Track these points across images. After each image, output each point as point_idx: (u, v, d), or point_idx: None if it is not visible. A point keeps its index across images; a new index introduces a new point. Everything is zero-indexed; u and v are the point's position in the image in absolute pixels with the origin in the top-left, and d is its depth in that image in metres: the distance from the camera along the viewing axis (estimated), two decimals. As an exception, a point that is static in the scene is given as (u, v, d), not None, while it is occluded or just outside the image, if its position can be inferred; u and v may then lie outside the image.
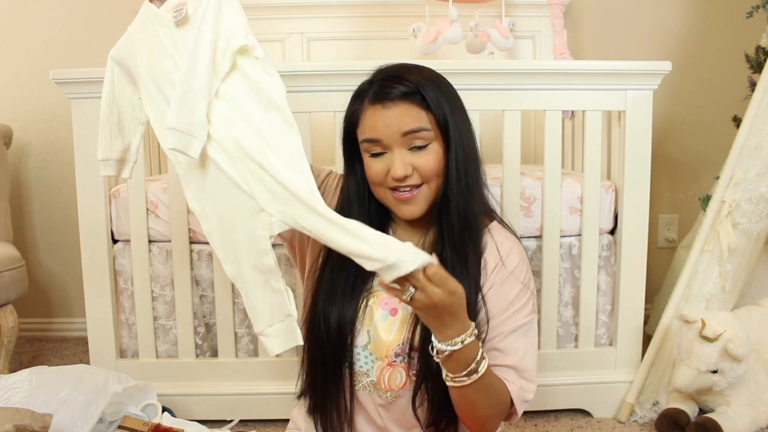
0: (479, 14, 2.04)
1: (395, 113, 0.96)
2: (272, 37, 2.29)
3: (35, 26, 2.29)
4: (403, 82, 0.97)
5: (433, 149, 0.98)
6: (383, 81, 0.99)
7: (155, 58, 0.97)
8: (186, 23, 0.94)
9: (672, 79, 1.62)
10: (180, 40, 0.94)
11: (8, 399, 1.29)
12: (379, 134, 0.97)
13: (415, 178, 0.98)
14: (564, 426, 1.62)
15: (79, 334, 2.36)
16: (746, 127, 1.62)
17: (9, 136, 2.08)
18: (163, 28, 0.97)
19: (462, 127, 1.00)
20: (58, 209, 2.35)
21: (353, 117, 1.02)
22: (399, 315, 1.03)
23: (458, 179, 0.98)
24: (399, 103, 0.96)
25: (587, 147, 1.58)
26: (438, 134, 0.98)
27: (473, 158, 1.02)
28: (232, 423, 1.58)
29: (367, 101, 0.99)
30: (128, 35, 1.03)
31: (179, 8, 0.94)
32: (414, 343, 1.00)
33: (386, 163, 0.98)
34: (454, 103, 1.01)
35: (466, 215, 1.00)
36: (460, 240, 0.99)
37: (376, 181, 1.00)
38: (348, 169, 1.06)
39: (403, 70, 1.00)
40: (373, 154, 0.99)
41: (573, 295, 1.66)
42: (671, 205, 2.41)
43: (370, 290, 1.05)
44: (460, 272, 0.98)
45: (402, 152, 0.97)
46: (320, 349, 1.03)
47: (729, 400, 1.50)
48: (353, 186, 1.05)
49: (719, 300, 1.65)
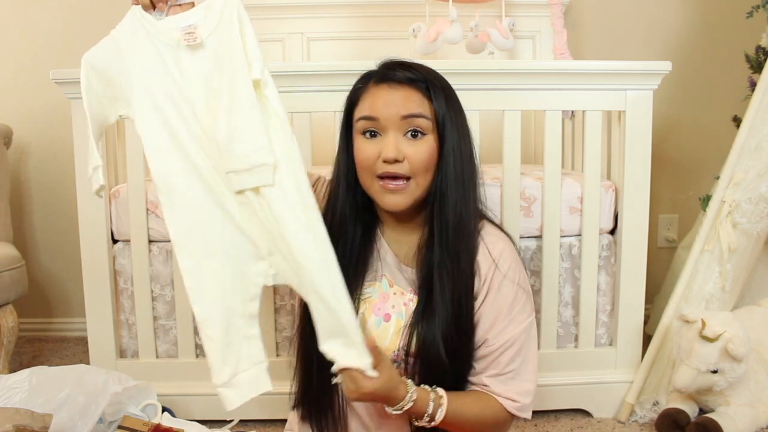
0: (479, 14, 2.04)
1: (399, 94, 0.96)
2: (272, 37, 2.29)
3: (35, 26, 2.29)
4: (411, 69, 0.98)
5: (427, 141, 0.97)
6: (392, 64, 1.00)
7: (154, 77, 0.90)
8: (199, 48, 0.88)
9: (672, 79, 1.62)
10: (189, 65, 0.89)
11: (8, 399, 1.29)
12: (377, 113, 0.96)
13: (405, 167, 0.96)
14: (564, 426, 1.62)
15: (79, 334, 2.36)
16: (746, 127, 1.62)
17: (9, 136, 2.08)
18: (166, 46, 0.90)
19: (461, 129, 1.00)
20: (58, 209, 2.35)
21: (354, 96, 1.01)
22: (393, 320, 1.02)
23: (455, 178, 0.98)
24: (405, 86, 0.97)
25: (587, 147, 1.58)
26: (434, 129, 0.97)
27: (469, 162, 1.01)
28: (232, 423, 1.58)
29: (373, 81, 0.99)
30: (113, 41, 0.92)
31: (190, 31, 0.88)
32: (411, 349, 0.99)
33: (378, 147, 0.96)
34: (456, 106, 1.01)
35: (461, 215, 0.99)
36: (454, 240, 0.98)
37: (364, 164, 0.98)
38: (341, 150, 1.05)
39: (412, 63, 1.01)
40: (366, 132, 0.97)
41: (573, 295, 1.66)
42: (671, 205, 2.41)
43: (360, 297, 1.04)
44: (451, 275, 0.98)
45: (397, 136, 0.96)
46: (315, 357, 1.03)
47: (729, 400, 1.50)
48: (344, 170, 1.03)
49: (719, 300, 1.65)
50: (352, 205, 1.03)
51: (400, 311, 1.03)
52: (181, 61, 0.89)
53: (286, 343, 1.64)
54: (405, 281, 1.05)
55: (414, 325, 0.99)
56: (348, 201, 1.03)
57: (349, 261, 1.01)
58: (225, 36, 0.87)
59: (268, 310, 1.60)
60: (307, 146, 1.54)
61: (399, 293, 1.04)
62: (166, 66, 0.89)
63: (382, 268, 1.05)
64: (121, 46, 0.91)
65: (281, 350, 1.64)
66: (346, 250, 1.01)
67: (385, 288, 1.05)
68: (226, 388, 0.92)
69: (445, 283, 0.98)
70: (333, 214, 1.03)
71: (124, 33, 0.92)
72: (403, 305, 1.03)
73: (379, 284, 1.05)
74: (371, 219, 1.06)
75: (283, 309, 1.63)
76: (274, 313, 1.61)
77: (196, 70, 0.88)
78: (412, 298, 1.03)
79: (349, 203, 1.03)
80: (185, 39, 0.87)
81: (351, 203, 1.03)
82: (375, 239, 1.06)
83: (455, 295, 0.98)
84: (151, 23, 0.90)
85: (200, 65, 0.89)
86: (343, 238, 1.02)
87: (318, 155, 1.59)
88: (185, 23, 0.88)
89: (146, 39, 0.90)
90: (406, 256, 1.05)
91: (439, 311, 0.97)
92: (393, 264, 1.05)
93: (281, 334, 1.63)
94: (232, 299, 0.89)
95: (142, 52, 0.90)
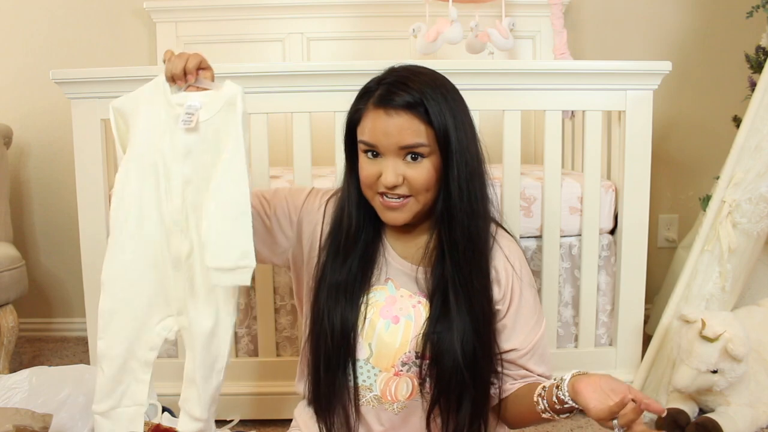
0: (479, 14, 2.04)
1: (396, 123, 0.95)
2: (272, 37, 2.29)
3: (35, 26, 2.28)
4: (409, 91, 0.95)
5: (426, 164, 0.96)
6: (390, 85, 0.97)
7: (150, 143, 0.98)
8: (193, 131, 0.95)
9: (672, 79, 1.62)
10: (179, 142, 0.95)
11: (8, 399, 1.29)
12: (376, 141, 0.96)
13: (404, 189, 0.97)
14: (564, 426, 1.62)
15: (79, 334, 2.36)
16: (746, 127, 1.62)
17: (9, 136, 2.08)
18: (169, 118, 0.97)
19: (466, 141, 0.98)
20: (58, 209, 2.35)
21: (355, 116, 1.01)
22: (402, 322, 1.02)
23: (460, 196, 0.97)
24: (401, 112, 0.95)
25: (587, 147, 1.58)
26: (436, 149, 0.96)
27: (478, 173, 1.00)
28: (232, 423, 1.57)
29: (371, 103, 0.98)
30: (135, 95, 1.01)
31: (190, 112, 0.94)
32: (425, 351, 0.99)
33: (379, 168, 0.97)
34: (460, 117, 0.98)
35: (470, 233, 0.98)
36: (465, 258, 0.98)
37: (366, 182, 0.99)
38: (349, 167, 1.05)
39: (411, 77, 0.98)
40: (368, 152, 0.98)
41: (573, 295, 1.66)
42: (671, 205, 2.41)
43: (368, 301, 1.03)
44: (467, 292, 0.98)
45: (396, 162, 0.96)
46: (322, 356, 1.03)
47: (729, 400, 1.50)
48: (353, 182, 1.03)
49: (719, 300, 1.65)
50: (363, 214, 1.04)
51: (409, 313, 1.03)
52: (174, 136, 0.96)
53: (287, 343, 1.64)
54: (412, 283, 1.04)
55: (430, 334, 0.99)
56: (361, 211, 1.03)
57: (359, 265, 1.02)
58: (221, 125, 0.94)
59: (268, 310, 1.60)
60: (307, 146, 1.54)
61: (407, 296, 1.04)
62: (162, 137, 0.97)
63: (387, 272, 1.05)
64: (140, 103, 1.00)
65: (281, 350, 1.64)
66: (356, 256, 1.02)
67: (392, 291, 1.05)
68: (102, 417, 1.01)
69: (461, 300, 0.98)
70: (347, 224, 1.03)
71: (145, 93, 1.00)
72: (411, 307, 1.03)
73: (386, 287, 1.05)
74: (378, 224, 1.06)
75: (283, 309, 1.63)
76: (274, 313, 1.61)
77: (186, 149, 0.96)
78: (421, 300, 1.03)
79: (360, 213, 1.03)
80: (183, 120, 0.94)
81: (362, 212, 1.03)
82: (380, 243, 1.07)
83: (473, 308, 0.99)
84: (167, 92, 0.98)
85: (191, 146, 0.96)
86: (354, 246, 1.03)
87: (318, 155, 1.59)
88: (190, 102, 0.95)
89: (158, 104, 0.98)
90: (414, 256, 1.05)
91: (457, 324, 0.98)
92: (399, 267, 1.05)
93: (281, 335, 1.63)
94: (135, 345, 1.00)
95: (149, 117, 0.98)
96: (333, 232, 1.04)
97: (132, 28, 2.32)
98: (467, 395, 0.98)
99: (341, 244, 1.03)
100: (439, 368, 0.98)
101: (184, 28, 2.28)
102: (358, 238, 1.03)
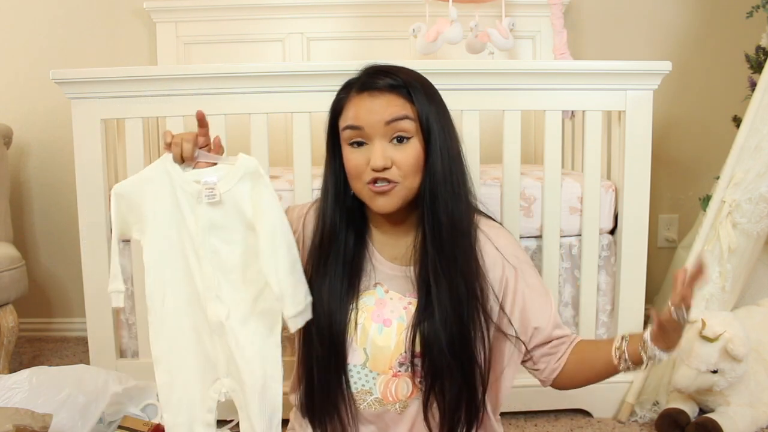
0: (479, 14, 2.05)
1: (381, 102, 0.96)
2: (272, 37, 2.30)
3: (35, 26, 2.29)
4: (391, 76, 0.98)
5: (413, 145, 0.97)
6: (371, 74, 1.00)
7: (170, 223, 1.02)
8: (216, 204, 0.99)
9: (672, 79, 1.62)
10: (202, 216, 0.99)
11: (8, 399, 1.29)
12: (361, 122, 0.96)
13: (393, 173, 0.96)
14: (564, 426, 1.62)
15: (79, 334, 2.36)
16: (746, 127, 1.62)
17: (9, 136, 2.08)
18: (186, 195, 1.00)
19: (446, 129, 1.00)
20: (58, 209, 2.35)
21: (338, 106, 1.01)
22: (394, 325, 1.02)
23: (444, 178, 0.98)
24: (386, 92, 0.97)
25: (587, 147, 1.58)
26: (419, 131, 0.97)
27: (458, 161, 1.01)
28: (232, 423, 1.57)
29: (354, 91, 0.99)
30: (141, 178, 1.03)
31: (210, 187, 0.98)
32: (416, 349, 1.00)
33: (366, 155, 0.97)
34: (440, 107, 1.01)
35: (452, 213, 0.99)
36: (448, 240, 0.98)
37: (354, 173, 0.99)
38: (329, 160, 1.05)
39: (392, 68, 1.01)
40: (353, 143, 0.98)
41: (573, 295, 1.66)
42: (671, 205, 2.41)
43: (358, 307, 1.04)
44: (447, 274, 0.98)
45: (383, 143, 0.96)
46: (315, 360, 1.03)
47: (729, 400, 1.50)
48: (332, 179, 1.04)
49: (719, 300, 1.65)
50: (342, 214, 1.03)
51: (400, 315, 1.03)
52: (197, 210, 1.00)
53: (286, 343, 1.64)
54: (401, 285, 1.05)
55: (415, 325, 0.99)
56: (338, 210, 1.03)
57: (343, 271, 1.02)
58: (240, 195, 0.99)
59: (268, 310, 1.60)
60: (306, 146, 1.54)
61: (396, 298, 1.04)
62: (182, 214, 1.01)
63: (376, 276, 1.05)
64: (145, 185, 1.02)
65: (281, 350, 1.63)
66: (338, 260, 1.02)
67: (381, 294, 1.05)
68: None
69: (441, 283, 0.98)
70: (324, 225, 1.03)
71: (151, 174, 1.02)
72: (403, 309, 1.03)
73: (374, 291, 1.05)
74: (362, 226, 1.06)
75: (283, 309, 1.63)
76: (274, 313, 1.61)
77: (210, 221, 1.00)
78: (411, 300, 1.03)
79: (339, 212, 1.03)
80: (206, 195, 0.99)
81: (341, 212, 1.03)
82: (366, 249, 1.06)
83: (453, 294, 0.98)
84: (178, 172, 1.01)
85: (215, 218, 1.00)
86: (335, 249, 1.02)
87: (318, 155, 1.58)
88: (206, 179, 0.99)
89: (168, 186, 1.01)
90: (403, 257, 1.05)
91: (438, 310, 0.98)
92: (386, 270, 1.05)
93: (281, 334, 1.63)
94: (195, 411, 1.07)
95: (162, 198, 1.01)
96: (315, 241, 1.04)
97: (132, 28, 2.32)
98: (457, 379, 0.99)
99: (324, 249, 1.03)
100: (430, 358, 0.99)
101: (184, 28, 2.28)
102: (337, 237, 1.03)
